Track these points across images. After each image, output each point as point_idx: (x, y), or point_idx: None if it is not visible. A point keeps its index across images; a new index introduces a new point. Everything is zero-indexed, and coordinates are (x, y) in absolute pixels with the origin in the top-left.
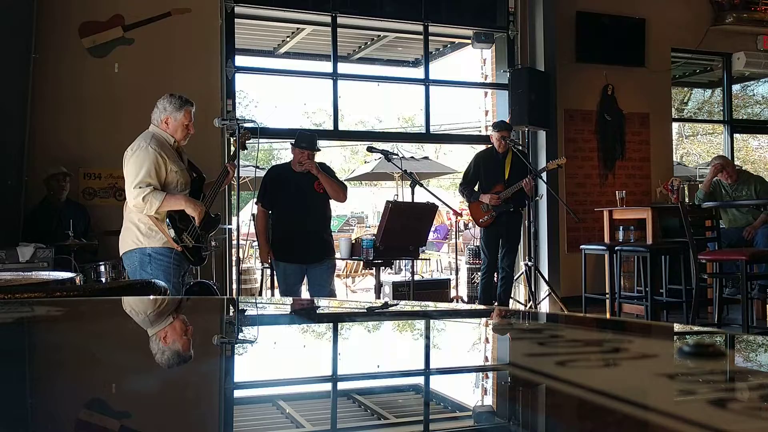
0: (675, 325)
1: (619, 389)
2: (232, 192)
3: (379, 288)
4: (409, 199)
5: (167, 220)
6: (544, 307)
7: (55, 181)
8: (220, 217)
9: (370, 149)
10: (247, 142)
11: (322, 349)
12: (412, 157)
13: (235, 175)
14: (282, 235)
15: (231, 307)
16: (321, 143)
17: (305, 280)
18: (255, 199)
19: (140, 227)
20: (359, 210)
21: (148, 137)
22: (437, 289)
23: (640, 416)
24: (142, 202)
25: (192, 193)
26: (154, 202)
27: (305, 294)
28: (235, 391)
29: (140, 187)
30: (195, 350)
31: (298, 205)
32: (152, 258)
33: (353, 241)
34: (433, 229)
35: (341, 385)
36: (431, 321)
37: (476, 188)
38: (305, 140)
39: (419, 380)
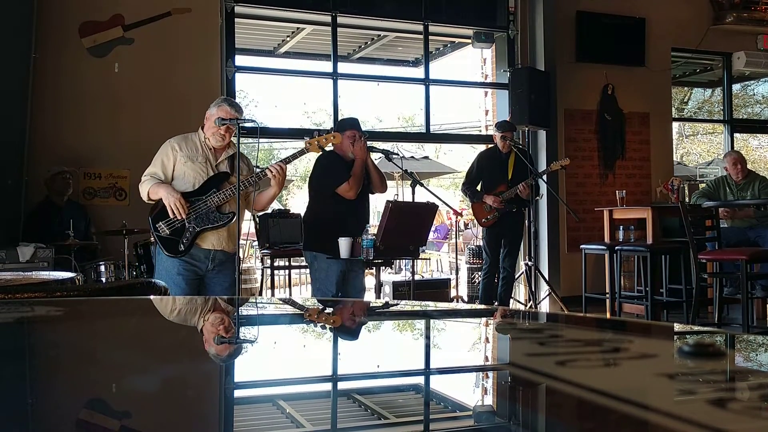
0: (675, 324)
1: (620, 389)
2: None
3: (379, 288)
4: (410, 199)
5: (150, 208)
6: (545, 306)
7: (60, 179)
8: (232, 216)
9: (370, 149)
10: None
11: (322, 348)
12: (412, 157)
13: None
14: (334, 228)
15: (231, 307)
16: None
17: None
18: (334, 184)
19: None
20: None
21: (180, 135)
22: (437, 288)
23: (641, 416)
24: (140, 189)
25: (203, 187)
26: (143, 189)
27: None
28: (235, 390)
29: (144, 176)
30: (195, 350)
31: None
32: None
33: (353, 241)
34: (433, 228)
35: (341, 385)
36: (431, 321)
37: (479, 188)
38: (349, 121)
39: (419, 380)
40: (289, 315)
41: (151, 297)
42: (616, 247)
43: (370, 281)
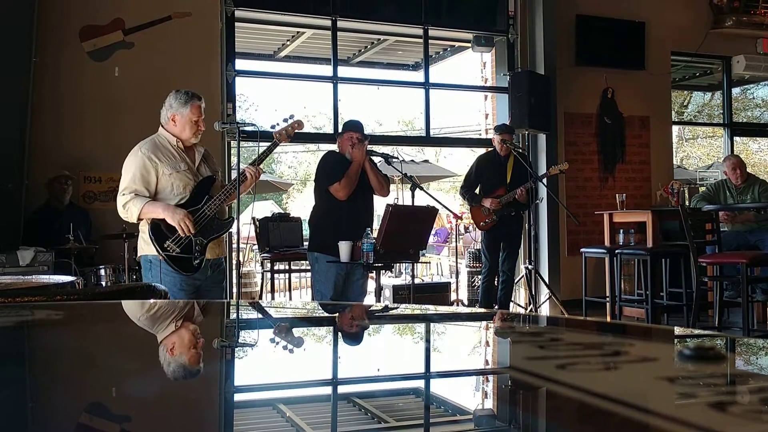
0: (675, 328)
1: (620, 392)
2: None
3: (379, 291)
4: (410, 203)
5: (149, 226)
6: (545, 310)
7: (57, 183)
8: (232, 220)
9: (370, 152)
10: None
11: (322, 352)
12: (412, 161)
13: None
14: (335, 230)
15: (231, 311)
16: (321, 146)
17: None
18: (327, 181)
19: (143, 234)
20: None
21: (145, 142)
22: (437, 292)
23: (641, 420)
24: (123, 210)
25: (195, 195)
26: (134, 210)
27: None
28: (235, 394)
29: (123, 195)
30: (195, 354)
31: (354, 196)
32: (153, 265)
33: (354, 245)
34: (433, 232)
35: (342, 389)
36: (431, 324)
37: (477, 191)
38: (350, 124)
39: (420, 384)
40: (287, 319)
41: (151, 300)
42: (617, 251)
43: (370, 285)
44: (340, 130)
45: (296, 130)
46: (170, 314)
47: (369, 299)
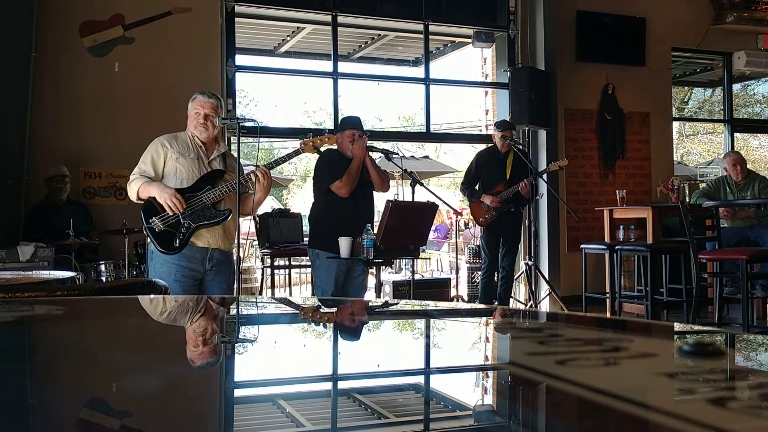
0: (675, 324)
1: (620, 388)
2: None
3: (379, 287)
4: (410, 199)
5: (143, 205)
6: (545, 306)
7: (53, 183)
8: (229, 212)
9: (370, 148)
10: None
11: (322, 348)
12: (412, 157)
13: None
14: (335, 226)
15: (231, 306)
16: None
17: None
18: (328, 180)
19: None
20: None
21: (168, 134)
22: (437, 288)
23: (641, 415)
24: (129, 187)
25: (198, 183)
26: (134, 187)
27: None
28: (235, 390)
29: (133, 174)
30: (196, 349)
31: (355, 193)
32: (153, 255)
33: (354, 240)
34: (433, 228)
35: (341, 384)
36: (431, 320)
37: (477, 187)
38: (350, 120)
39: (419, 379)
40: (286, 314)
41: (152, 296)
42: (617, 247)
43: (370, 281)
44: (339, 125)
45: (324, 144)
46: (170, 310)
47: (369, 295)
